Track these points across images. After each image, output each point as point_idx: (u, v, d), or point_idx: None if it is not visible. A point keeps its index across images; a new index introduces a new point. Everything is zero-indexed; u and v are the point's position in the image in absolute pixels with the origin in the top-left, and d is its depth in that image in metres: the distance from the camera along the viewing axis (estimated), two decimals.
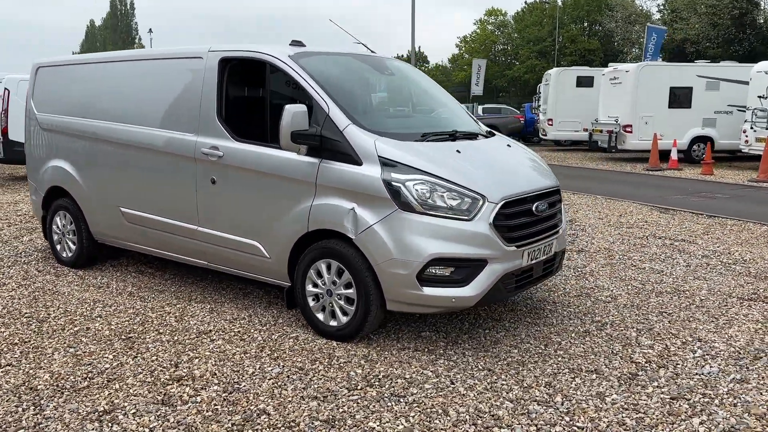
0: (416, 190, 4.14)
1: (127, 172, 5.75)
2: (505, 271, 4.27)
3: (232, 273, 5.21)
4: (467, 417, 3.47)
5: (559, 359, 4.22)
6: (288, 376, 3.94)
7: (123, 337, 4.58)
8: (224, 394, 3.70)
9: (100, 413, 3.48)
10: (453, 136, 4.86)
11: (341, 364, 4.11)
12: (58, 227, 6.56)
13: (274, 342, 4.48)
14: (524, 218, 4.44)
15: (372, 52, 5.66)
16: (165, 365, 4.10)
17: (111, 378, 3.92)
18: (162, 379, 3.89)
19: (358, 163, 4.31)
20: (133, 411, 3.51)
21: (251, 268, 5.00)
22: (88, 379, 3.91)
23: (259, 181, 4.79)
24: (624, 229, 8.53)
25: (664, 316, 5.08)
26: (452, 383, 3.86)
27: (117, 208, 5.87)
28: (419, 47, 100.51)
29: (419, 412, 3.52)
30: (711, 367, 4.11)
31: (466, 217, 4.17)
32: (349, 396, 3.69)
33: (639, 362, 4.18)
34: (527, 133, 27.36)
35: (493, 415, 3.49)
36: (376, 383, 3.85)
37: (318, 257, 4.50)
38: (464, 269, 4.18)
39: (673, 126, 18.02)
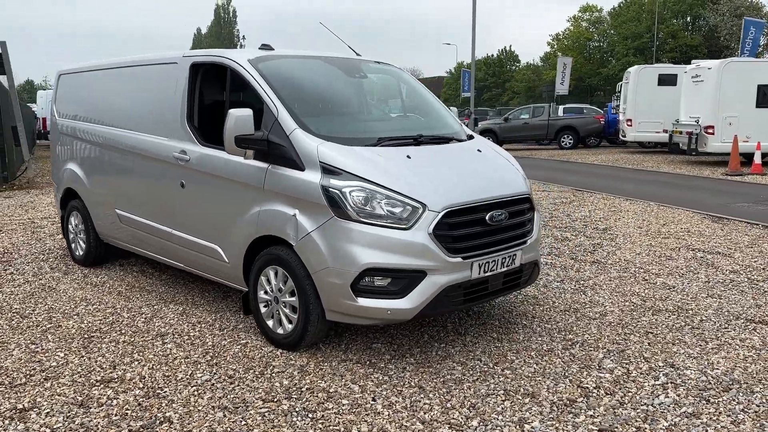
0: (353, 197, 4.00)
1: (120, 176, 5.96)
2: (449, 283, 4.04)
3: (202, 276, 5.27)
4: None
5: (501, 379, 3.94)
6: (213, 384, 3.91)
7: (86, 336, 4.73)
8: (141, 399, 3.72)
9: (18, 410, 3.59)
10: (416, 141, 4.67)
11: (272, 374, 4.04)
12: (72, 226, 6.90)
13: (221, 348, 4.47)
14: (474, 228, 4.19)
15: (357, 54, 5.53)
16: (105, 366, 4.18)
17: (49, 376, 4.04)
18: (92, 380, 3.97)
19: (301, 168, 4.23)
20: (47, 411, 3.59)
21: (215, 272, 5.03)
22: (28, 376, 4.05)
23: (218, 186, 4.81)
24: (659, 239, 7.92)
25: (647, 337, 4.64)
26: (374, 400, 3.70)
27: (113, 209, 6.09)
28: (510, 45, 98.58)
29: (320, 429, 3.38)
30: (666, 397, 3.70)
31: (404, 226, 3.98)
32: (259, 408, 3.61)
33: (587, 387, 3.83)
34: (609, 134, 26.14)
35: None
36: (295, 396, 3.75)
37: (266, 263, 4.45)
38: (401, 280, 4.00)
39: (761, 127, 16.60)
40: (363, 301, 3.99)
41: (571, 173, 16.37)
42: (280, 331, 4.44)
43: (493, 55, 76.56)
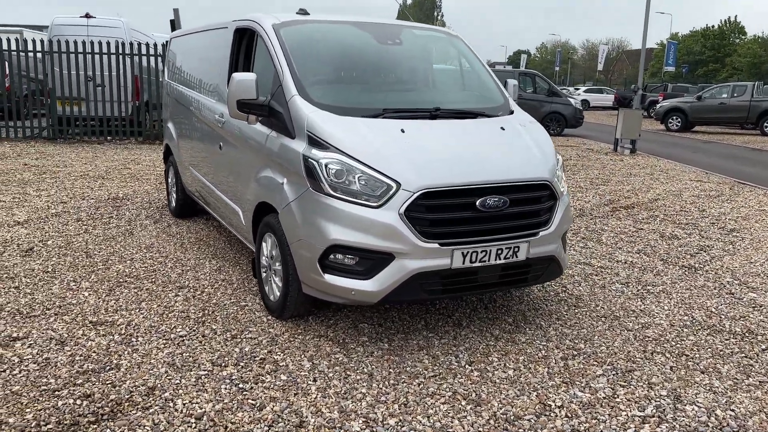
0: (328, 169, 3.82)
1: (192, 135, 6.32)
2: (421, 269, 3.72)
3: (238, 236, 5.45)
4: (271, 416, 3.19)
5: (461, 381, 3.57)
6: (183, 340, 4.03)
7: (120, 280, 5.13)
8: (113, 345, 3.95)
9: (10, 338, 3.99)
10: (432, 114, 4.33)
11: (242, 339, 4.06)
12: (170, 179, 7.50)
13: (219, 307, 4.59)
14: (460, 213, 3.79)
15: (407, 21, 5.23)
16: (109, 310, 4.50)
17: (59, 312, 4.44)
18: (88, 321, 4.28)
19: (292, 136, 4.13)
20: (31, 342, 3.94)
21: (241, 234, 5.16)
22: (45, 309, 4.48)
23: (238, 150, 4.90)
24: None
25: (678, 359, 3.91)
26: (314, 381, 3.56)
27: (188, 167, 6.50)
28: (735, 16, 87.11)
29: (238, 400, 3.34)
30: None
31: (374, 204, 3.73)
32: (201, 370, 3.64)
33: (548, 405, 3.33)
34: None
35: (299, 419, 3.15)
36: (243, 363, 3.73)
37: (264, 230, 4.46)
38: (367, 261, 3.77)
39: None
40: (329, 278, 3.83)
41: (750, 164, 14.25)
42: (272, 297, 4.44)
43: (713, 26, 68.63)
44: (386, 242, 3.69)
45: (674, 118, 24.39)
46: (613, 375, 3.70)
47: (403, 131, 4.03)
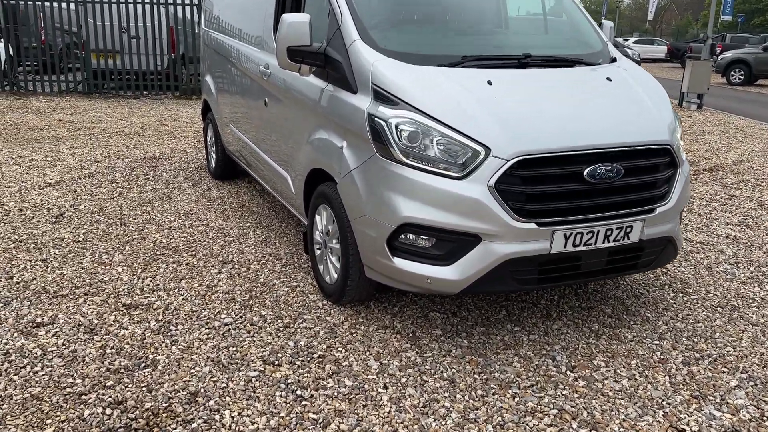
0: (399, 131, 3.13)
1: (233, 90, 5.65)
2: (515, 255, 3.05)
3: (285, 205, 4.82)
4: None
5: (565, 393, 2.92)
6: (229, 330, 3.46)
7: (157, 252, 4.57)
8: (148, 334, 3.39)
9: (33, 324, 3.48)
10: (521, 62, 3.58)
11: (296, 329, 3.47)
12: (209, 138, 6.89)
13: (269, 287, 4.01)
14: (563, 185, 3.08)
15: None
16: (145, 290, 3.95)
17: (89, 291, 3.90)
18: (120, 304, 3.75)
19: (354, 90, 3.44)
20: (56, 330, 3.42)
21: (289, 202, 4.53)
22: (74, 288, 3.96)
23: (287, 106, 4.23)
24: None
25: None
26: (384, 388, 2.95)
27: (228, 124, 5.87)
28: None
29: (296, 414, 2.75)
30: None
31: (457, 175, 3.04)
32: (252, 371, 3.06)
33: (682, 430, 2.66)
34: None
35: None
36: (299, 362, 3.13)
37: (319, 201, 3.82)
38: (447, 243, 3.10)
39: None
40: (400, 263, 3.18)
41: None
42: (327, 279, 3.83)
43: None
44: (471, 221, 3.01)
45: (737, 70, 22.81)
46: (752, 387, 3.01)
47: (489, 83, 3.30)
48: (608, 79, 3.61)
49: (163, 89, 13.28)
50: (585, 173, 3.08)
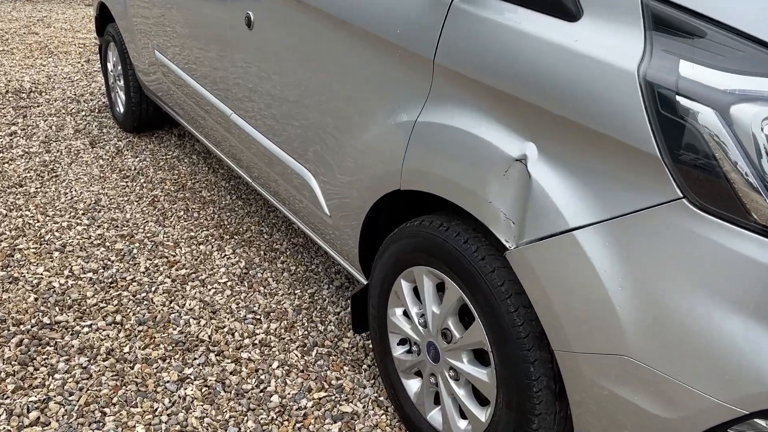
0: None
1: None
2: None
3: (289, 218, 2.63)
4: None
5: None
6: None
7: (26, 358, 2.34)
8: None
9: None
10: None
11: None
12: (111, 65, 4.39)
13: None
14: None
15: None
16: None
17: None
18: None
19: (575, 15, 1.29)
20: None
21: (305, 219, 2.37)
22: None
23: (318, 36, 1.98)
24: None
25: None
26: None
27: (152, 49, 3.47)
28: None
29: None
30: None
31: None
32: None
33: None
34: None
35: None
36: None
37: (415, 256, 1.71)
38: None
39: None
40: None
41: None
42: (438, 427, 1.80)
43: None
44: None
45: None
46: None
47: None
48: None
49: None
50: None
